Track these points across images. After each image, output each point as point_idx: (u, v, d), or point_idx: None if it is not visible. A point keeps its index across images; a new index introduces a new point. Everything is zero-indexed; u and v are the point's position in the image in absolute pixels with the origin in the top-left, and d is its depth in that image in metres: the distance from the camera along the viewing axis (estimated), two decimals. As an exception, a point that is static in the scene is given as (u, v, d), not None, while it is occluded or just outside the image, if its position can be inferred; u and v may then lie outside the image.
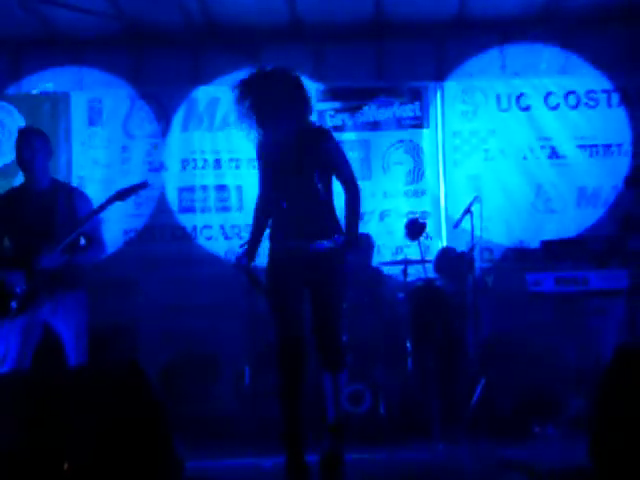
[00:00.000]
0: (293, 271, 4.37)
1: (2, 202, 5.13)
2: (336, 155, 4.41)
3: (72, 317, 4.97)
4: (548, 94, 7.31)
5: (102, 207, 4.96)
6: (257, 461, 5.06)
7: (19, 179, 7.20)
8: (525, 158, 7.31)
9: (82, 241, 5.10)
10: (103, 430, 3.39)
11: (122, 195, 4.98)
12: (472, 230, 6.28)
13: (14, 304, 4.85)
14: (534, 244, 6.84)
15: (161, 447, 3.49)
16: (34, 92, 7.44)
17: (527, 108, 7.33)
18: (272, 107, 4.22)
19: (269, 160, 4.41)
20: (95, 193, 7.22)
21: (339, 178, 4.43)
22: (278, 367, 4.42)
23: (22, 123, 7.35)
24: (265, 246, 4.66)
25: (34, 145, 4.99)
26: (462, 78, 7.33)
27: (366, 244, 6.59)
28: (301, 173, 4.31)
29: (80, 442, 3.36)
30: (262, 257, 4.71)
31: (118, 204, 7.34)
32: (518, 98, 7.32)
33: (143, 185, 5.10)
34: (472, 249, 6.29)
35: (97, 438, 3.38)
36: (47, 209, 4.93)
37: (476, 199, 6.35)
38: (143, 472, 3.39)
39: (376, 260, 6.87)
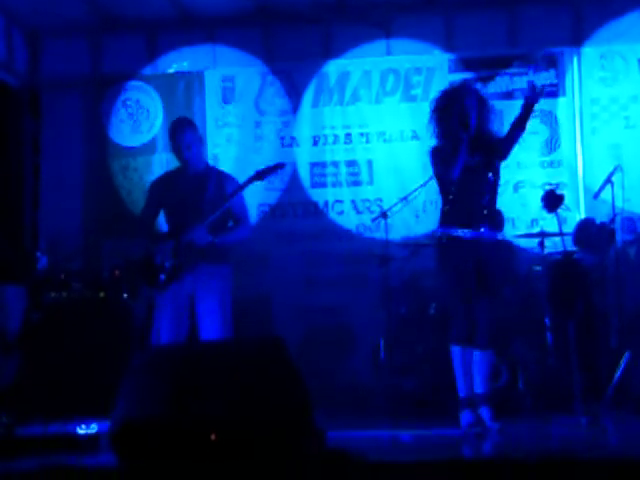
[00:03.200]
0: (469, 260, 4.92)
1: (161, 182, 5.48)
2: None
3: (215, 291, 5.15)
4: (693, 57, 6.97)
5: (242, 187, 5.20)
6: (395, 433, 5.07)
7: (158, 157, 7.44)
8: (669, 125, 7.00)
9: (230, 223, 5.33)
10: (249, 402, 3.46)
11: (261, 175, 5.21)
12: (613, 201, 6.07)
13: (162, 276, 5.09)
14: (680, 214, 6.58)
15: (304, 418, 3.53)
16: (169, 71, 7.61)
17: (671, 72, 7.01)
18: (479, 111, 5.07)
19: (465, 155, 4.93)
20: (229, 170, 7.36)
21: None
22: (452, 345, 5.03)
23: (158, 102, 7.54)
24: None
25: (188, 139, 5.27)
26: (600, 43, 7.06)
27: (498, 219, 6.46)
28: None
29: (227, 414, 3.44)
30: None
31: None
32: (661, 61, 7.01)
33: (280, 165, 5.33)
34: (613, 220, 6.08)
35: (243, 410, 3.45)
36: (199, 190, 5.22)
37: (617, 168, 6.13)
38: (287, 442, 3.44)
39: (510, 233, 6.73)
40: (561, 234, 5.97)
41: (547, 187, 6.68)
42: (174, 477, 3.34)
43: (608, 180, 6.10)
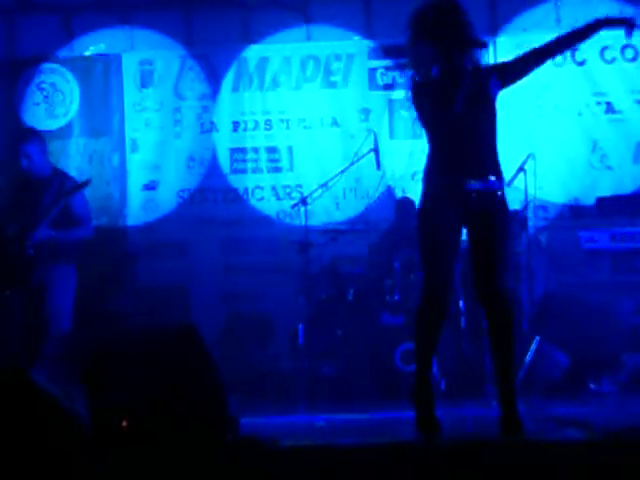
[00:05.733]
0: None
1: (14, 183, 5.96)
2: None
3: (57, 289, 5.56)
4: (604, 48, 7.12)
5: (65, 195, 5.60)
6: (311, 418, 5.12)
7: (74, 141, 7.33)
8: (580, 114, 7.16)
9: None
10: (161, 390, 3.45)
11: (69, 193, 5.58)
12: (526, 188, 6.20)
13: (15, 276, 5.49)
14: (589, 202, 6.75)
15: (216, 406, 3.54)
16: (86, 54, 7.48)
17: (582, 62, 7.15)
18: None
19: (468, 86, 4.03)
20: (148, 155, 7.36)
21: None
22: (418, 321, 4.04)
23: (75, 86, 7.41)
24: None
25: (27, 152, 5.67)
26: (515, 33, 7.17)
27: (408, 208, 6.52)
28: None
29: (139, 402, 3.43)
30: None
31: (171, 165, 7.54)
32: (573, 52, 7.13)
33: (86, 183, 5.67)
34: (526, 207, 6.22)
35: (155, 398, 3.44)
36: (40, 193, 5.62)
37: (530, 156, 6.25)
38: (199, 429, 3.45)
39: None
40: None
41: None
42: (86, 464, 3.31)
43: (521, 168, 6.22)
